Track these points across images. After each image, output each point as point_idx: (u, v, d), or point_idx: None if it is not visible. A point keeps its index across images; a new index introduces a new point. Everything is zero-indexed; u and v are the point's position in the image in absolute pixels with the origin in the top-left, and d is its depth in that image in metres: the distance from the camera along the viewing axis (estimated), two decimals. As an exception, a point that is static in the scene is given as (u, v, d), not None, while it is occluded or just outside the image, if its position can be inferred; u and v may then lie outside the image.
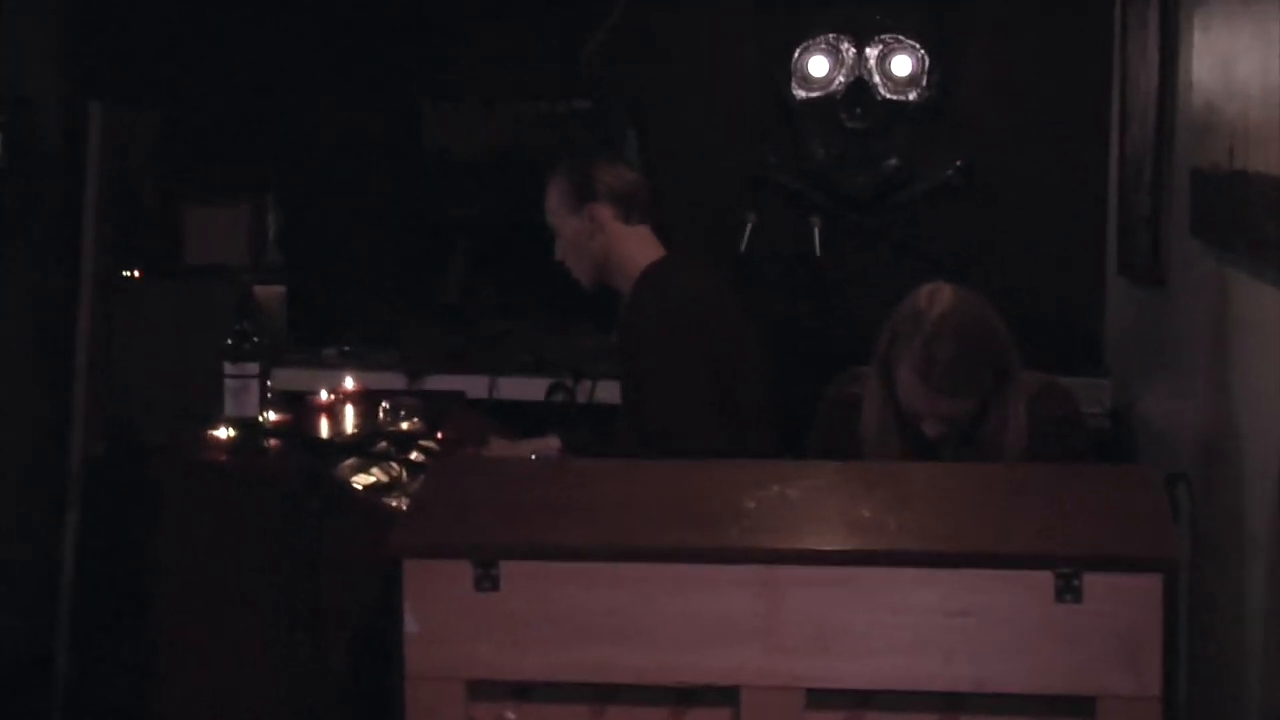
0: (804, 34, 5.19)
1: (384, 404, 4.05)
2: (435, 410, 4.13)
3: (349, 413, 4.11)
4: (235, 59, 5.54)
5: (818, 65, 5.18)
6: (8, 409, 5.26)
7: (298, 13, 5.53)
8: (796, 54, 5.19)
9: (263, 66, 5.53)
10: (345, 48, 5.53)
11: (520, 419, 4.39)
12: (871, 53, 5.16)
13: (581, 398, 4.77)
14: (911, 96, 5.17)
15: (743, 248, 5.23)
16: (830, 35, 5.18)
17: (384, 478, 3.75)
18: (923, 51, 5.16)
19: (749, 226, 5.24)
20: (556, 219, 3.79)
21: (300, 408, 4.06)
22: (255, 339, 3.73)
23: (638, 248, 3.75)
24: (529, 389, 4.86)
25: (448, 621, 2.64)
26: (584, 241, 3.75)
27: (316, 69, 5.53)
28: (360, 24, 5.51)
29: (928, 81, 5.17)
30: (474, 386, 4.84)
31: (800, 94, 5.20)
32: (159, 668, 3.60)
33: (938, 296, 3.15)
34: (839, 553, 2.62)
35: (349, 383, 4.30)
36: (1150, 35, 4.10)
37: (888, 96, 5.16)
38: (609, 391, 4.47)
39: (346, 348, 5.24)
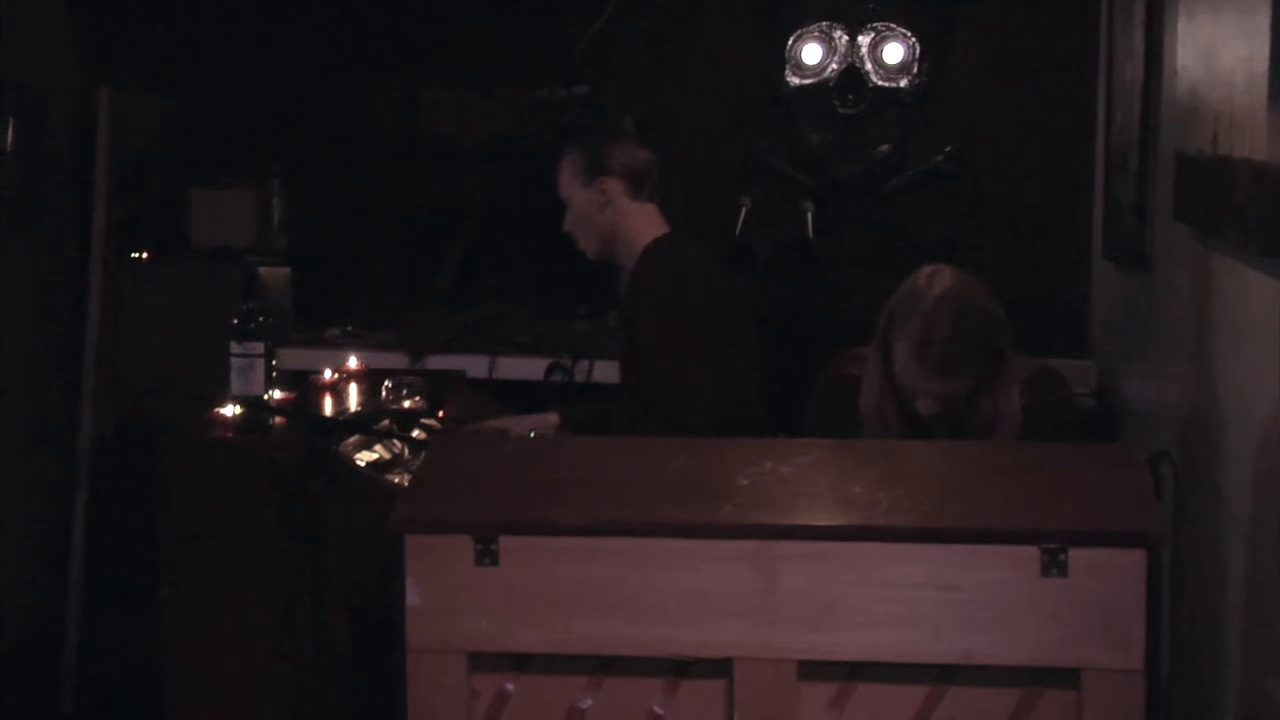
0: (797, 22, 5.19)
1: (386, 383, 4.09)
2: (436, 389, 4.17)
3: (352, 391, 4.15)
4: (241, 46, 5.55)
5: (811, 53, 5.19)
6: (18, 389, 5.30)
7: (301, 0, 5.57)
8: (790, 42, 5.20)
9: (267, 53, 5.55)
10: (347, 34, 5.54)
11: (519, 398, 4.42)
12: (864, 40, 5.18)
13: (579, 377, 4.81)
14: (903, 84, 5.18)
15: (737, 231, 5.25)
16: (823, 23, 5.19)
17: (386, 455, 3.79)
18: (914, 39, 5.18)
19: (743, 211, 5.25)
20: (568, 191, 3.83)
21: (304, 387, 4.09)
22: (261, 319, 3.73)
23: (644, 223, 3.80)
24: (528, 369, 4.88)
25: (449, 595, 2.67)
26: (593, 214, 3.80)
27: (320, 55, 5.54)
28: (362, 11, 5.53)
29: (918, 69, 5.18)
30: (474, 366, 4.86)
31: (794, 81, 5.21)
32: (166, 642, 3.62)
33: (938, 278, 3.19)
34: (831, 528, 2.65)
35: (352, 362, 4.33)
36: (1136, 23, 4.11)
37: (879, 84, 5.17)
38: (606, 371, 4.52)
39: (349, 328, 5.26)
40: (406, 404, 4.03)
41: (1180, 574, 3.39)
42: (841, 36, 5.20)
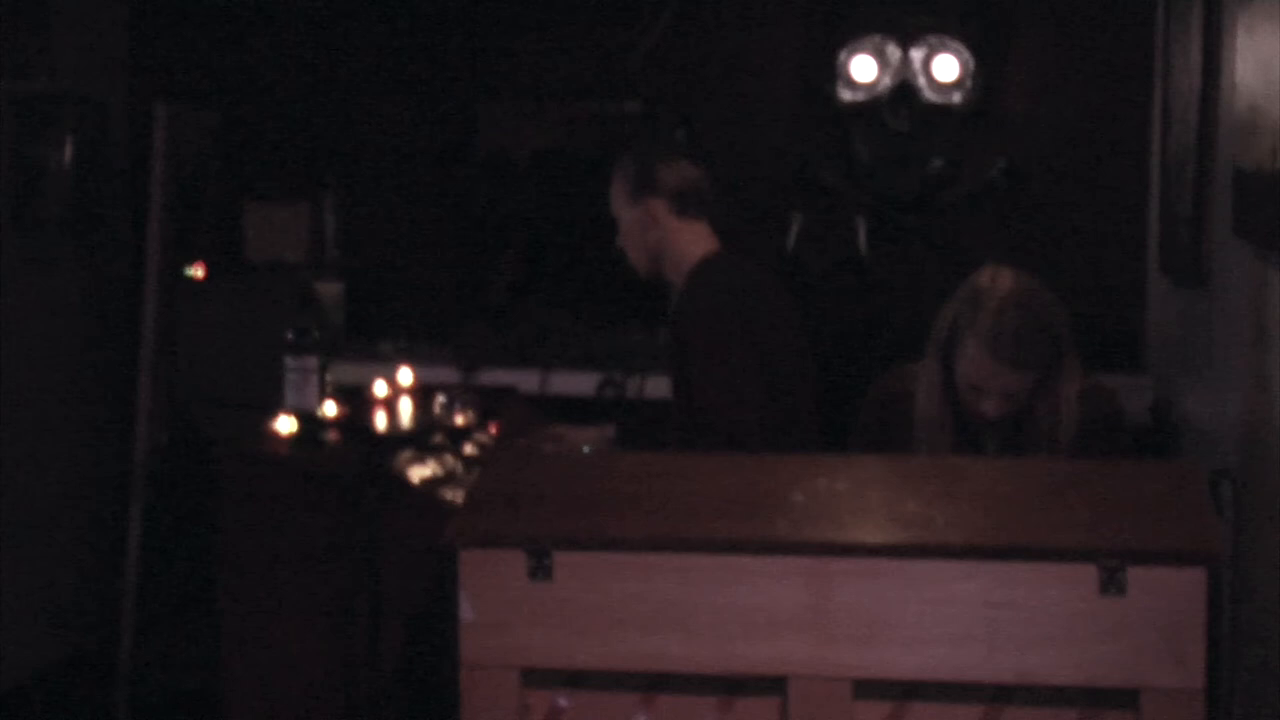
0: (849, 36, 5.20)
1: (439, 398, 4.09)
2: (489, 404, 4.19)
3: (405, 406, 4.16)
4: (295, 61, 5.61)
5: (862, 67, 5.20)
6: (75, 402, 5.36)
7: (355, 15, 5.60)
8: (841, 56, 5.20)
9: (321, 68, 5.61)
10: (402, 49, 5.58)
11: (571, 413, 4.44)
12: (916, 55, 5.17)
13: (631, 393, 4.81)
14: (955, 98, 5.17)
15: (789, 247, 5.25)
16: (875, 37, 5.19)
17: (439, 470, 3.79)
18: (967, 54, 5.17)
19: (795, 226, 5.26)
20: (617, 209, 3.83)
21: (357, 401, 4.11)
22: (315, 333, 3.76)
23: (691, 242, 3.79)
24: (580, 384, 4.91)
25: (502, 610, 2.66)
26: (640, 233, 3.80)
27: (374, 70, 5.59)
28: (416, 25, 5.57)
29: (972, 83, 5.17)
30: (526, 381, 4.90)
31: (845, 96, 5.21)
32: (220, 654, 3.63)
33: (999, 276, 3.22)
34: (885, 545, 2.63)
35: (405, 377, 4.35)
36: (1193, 36, 4.09)
37: (932, 98, 5.16)
38: (658, 386, 4.52)
39: (402, 343, 5.30)
40: (459, 419, 4.03)
41: (1241, 594, 3.36)
42: (894, 51, 5.19)
